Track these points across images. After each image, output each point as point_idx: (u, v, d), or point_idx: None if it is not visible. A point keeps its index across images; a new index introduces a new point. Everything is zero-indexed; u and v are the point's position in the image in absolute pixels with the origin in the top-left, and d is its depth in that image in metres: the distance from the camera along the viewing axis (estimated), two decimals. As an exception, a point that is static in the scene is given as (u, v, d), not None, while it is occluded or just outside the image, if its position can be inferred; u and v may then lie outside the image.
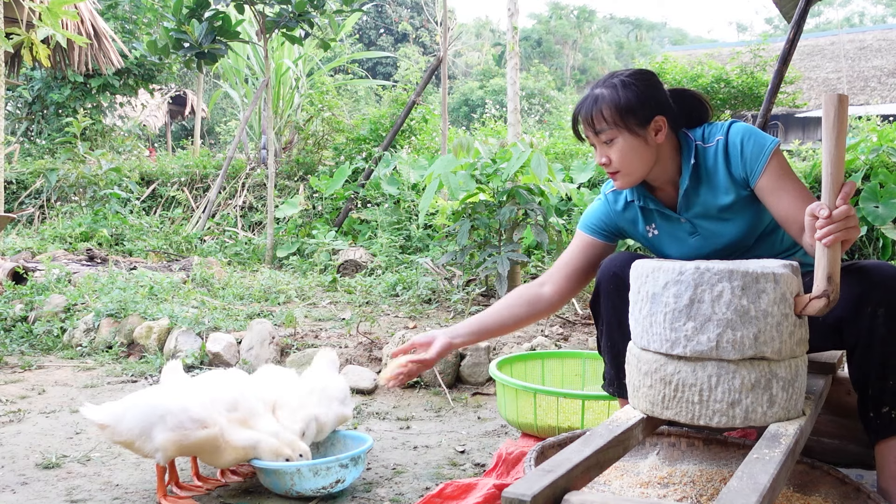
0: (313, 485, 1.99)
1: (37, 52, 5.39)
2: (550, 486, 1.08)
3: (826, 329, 1.62)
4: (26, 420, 2.74)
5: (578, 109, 1.76)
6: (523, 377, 2.72)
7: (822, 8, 34.26)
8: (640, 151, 1.71)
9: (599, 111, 1.70)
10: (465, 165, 4.88)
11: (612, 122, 1.69)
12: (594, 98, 1.72)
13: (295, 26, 6.28)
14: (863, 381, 1.58)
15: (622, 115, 1.68)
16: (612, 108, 1.68)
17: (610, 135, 1.70)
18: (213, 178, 8.58)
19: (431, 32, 21.94)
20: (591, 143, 1.78)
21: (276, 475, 2.00)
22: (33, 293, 4.39)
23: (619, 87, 1.70)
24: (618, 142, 1.71)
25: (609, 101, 1.69)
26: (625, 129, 1.69)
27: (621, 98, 1.68)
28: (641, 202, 1.85)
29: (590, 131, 1.74)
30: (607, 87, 1.71)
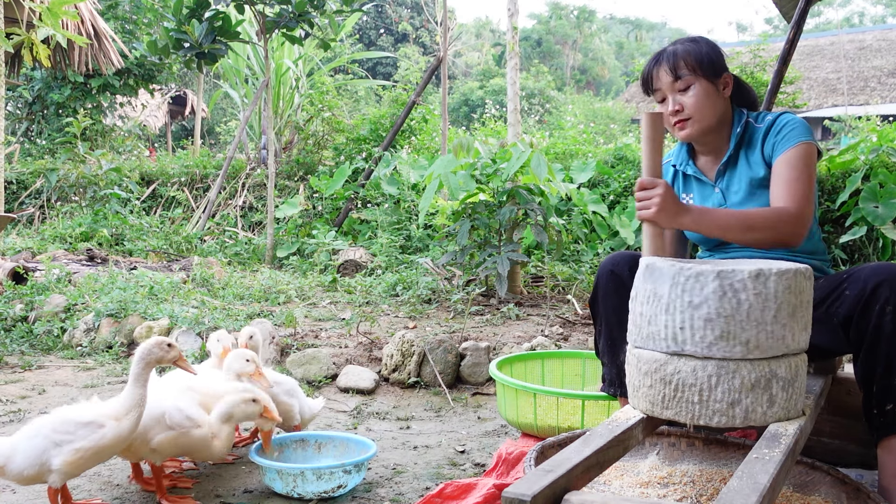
0: (315, 488, 1.99)
1: (37, 53, 5.39)
2: (550, 486, 1.08)
3: (835, 328, 1.63)
4: (26, 420, 2.74)
5: (655, 61, 1.87)
6: (523, 377, 2.72)
7: (822, 8, 34.25)
8: (713, 99, 1.83)
9: (681, 58, 1.82)
10: (465, 165, 4.88)
11: (691, 69, 1.82)
12: (673, 51, 1.85)
13: (295, 26, 6.28)
14: (868, 378, 1.59)
15: (701, 63, 1.82)
16: (693, 57, 1.82)
17: (688, 81, 1.82)
18: (213, 178, 8.58)
19: (431, 32, 21.94)
20: (661, 99, 1.87)
21: (279, 475, 2.00)
22: (33, 293, 4.39)
23: (697, 41, 1.86)
24: (694, 88, 1.82)
25: (690, 51, 1.83)
26: (702, 76, 1.82)
27: (701, 49, 1.84)
28: (683, 167, 1.96)
29: (667, 77, 1.83)
30: (683, 43, 1.87)
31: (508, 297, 4.54)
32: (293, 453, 2.22)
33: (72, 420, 1.79)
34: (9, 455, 1.76)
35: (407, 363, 3.23)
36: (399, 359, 3.25)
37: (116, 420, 1.82)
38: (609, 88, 28.62)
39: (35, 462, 1.75)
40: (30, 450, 1.76)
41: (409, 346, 3.26)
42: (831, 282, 1.70)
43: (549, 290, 4.90)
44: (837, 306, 1.63)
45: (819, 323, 1.65)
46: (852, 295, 1.59)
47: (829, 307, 1.66)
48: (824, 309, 1.66)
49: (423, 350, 3.26)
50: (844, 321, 1.61)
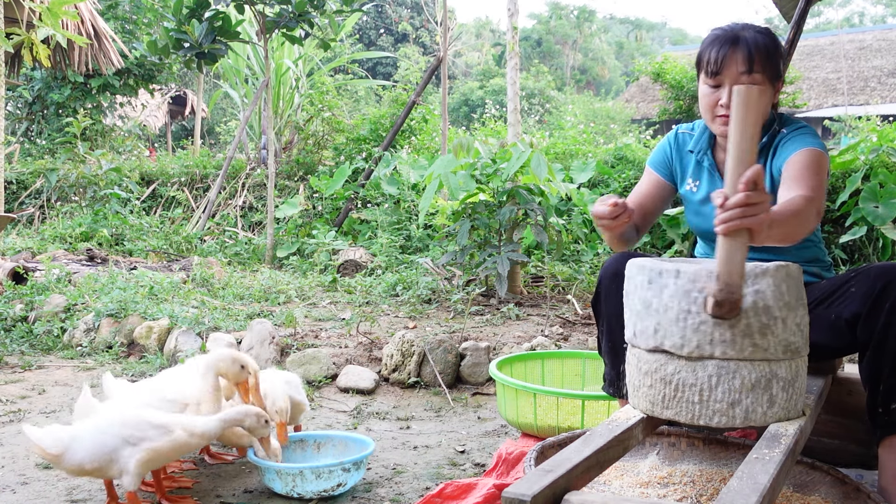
0: (315, 487, 1.99)
1: (37, 53, 5.39)
2: (550, 486, 1.08)
3: (842, 326, 1.62)
4: (26, 420, 2.74)
5: (724, 44, 1.73)
6: (523, 377, 2.72)
7: (822, 8, 34.25)
8: (766, 105, 1.76)
9: (758, 53, 1.71)
10: (465, 165, 4.88)
11: (763, 67, 1.72)
12: (754, 42, 1.72)
13: (295, 26, 6.28)
14: (874, 376, 1.58)
15: (772, 64, 1.73)
16: (766, 54, 1.72)
17: (755, 79, 1.72)
18: (213, 178, 8.58)
19: (431, 32, 21.94)
20: (717, 83, 1.74)
21: (277, 475, 2.00)
22: (33, 293, 4.39)
23: (769, 36, 1.74)
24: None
25: (768, 48, 1.72)
26: (768, 79, 1.73)
27: (776, 49, 1.74)
28: (699, 156, 1.90)
29: (737, 68, 1.71)
30: (758, 34, 1.73)
31: (508, 297, 4.54)
32: (292, 453, 2.22)
33: (145, 420, 1.82)
34: (68, 445, 1.77)
35: (407, 363, 3.23)
36: (399, 359, 3.25)
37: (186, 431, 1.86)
38: (609, 88, 28.62)
39: (102, 457, 1.77)
40: (98, 445, 1.77)
41: (409, 346, 3.26)
42: (835, 281, 1.70)
43: (549, 290, 4.90)
44: (844, 305, 1.62)
45: (823, 322, 1.65)
46: (860, 293, 1.58)
47: (834, 306, 1.65)
48: (828, 307, 1.66)
49: (423, 350, 3.26)
50: (851, 319, 1.60)
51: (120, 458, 1.78)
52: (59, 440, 1.77)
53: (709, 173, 1.90)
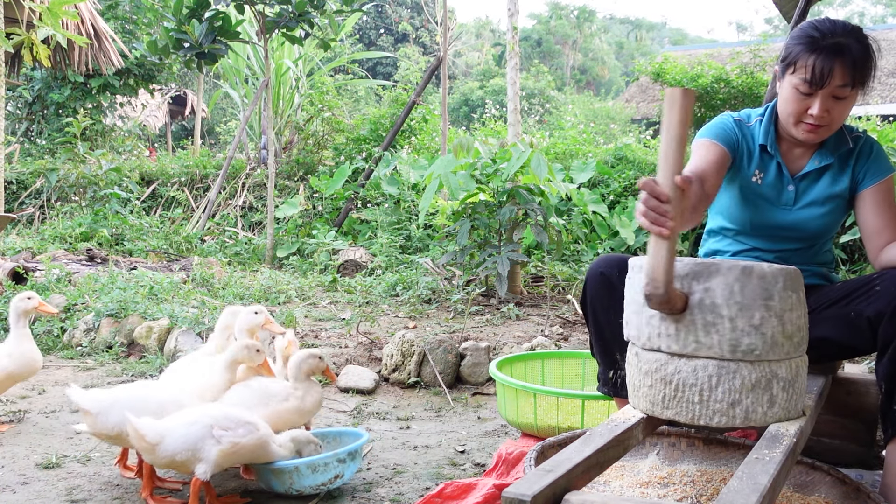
0: (312, 482, 1.99)
1: (37, 53, 5.39)
2: (550, 486, 1.08)
3: (863, 324, 1.62)
4: (26, 420, 2.74)
5: (839, 53, 1.65)
6: (523, 377, 2.72)
7: (822, 8, 34.25)
8: (850, 112, 1.75)
9: (859, 67, 1.66)
10: (465, 165, 4.88)
11: (860, 82, 1.68)
12: (858, 51, 1.66)
13: (295, 26, 6.28)
14: (893, 375, 1.58)
15: (866, 78, 1.69)
16: (867, 70, 1.67)
17: (852, 93, 1.68)
18: (213, 178, 8.58)
19: (431, 32, 21.94)
20: (811, 92, 1.68)
21: (273, 474, 1.99)
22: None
23: (869, 47, 1.68)
24: (850, 100, 1.70)
25: (867, 62, 1.67)
26: (859, 90, 1.70)
27: (873, 61, 1.69)
28: (773, 152, 1.86)
29: (844, 80, 1.66)
30: (860, 44, 1.67)
31: (508, 297, 4.54)
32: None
33: (232, 417, 1.89)
34: (163, 435, 1.83)
35: (407, 363, 3.23)
36: (399, 359, 3.25)
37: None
38: (609, 88, 28.62)
39: (190, 448, 1.83)
40: (188, 435, 1.84)
41: (409, 346, 3.26)
42: (855, 281, 1.71)
43: (549, 290, 4.90)
44: (867, 303, 1.62)
45: (838, 319, 1.66)
46: (885, 291, 1.58)
47: (854, 304, 1.65)
48: (845, 305, 1.66)
49: (423, 350, 3.26)
50: (874, 317, 1.59)
51: (203, 448, 1.85)
52: (157, 432, 1.84)
53: (777, 170, 1.87)
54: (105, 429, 1.97)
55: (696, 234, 5.98)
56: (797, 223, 1.86)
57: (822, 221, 1.86)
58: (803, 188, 1.86)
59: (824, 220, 1.86)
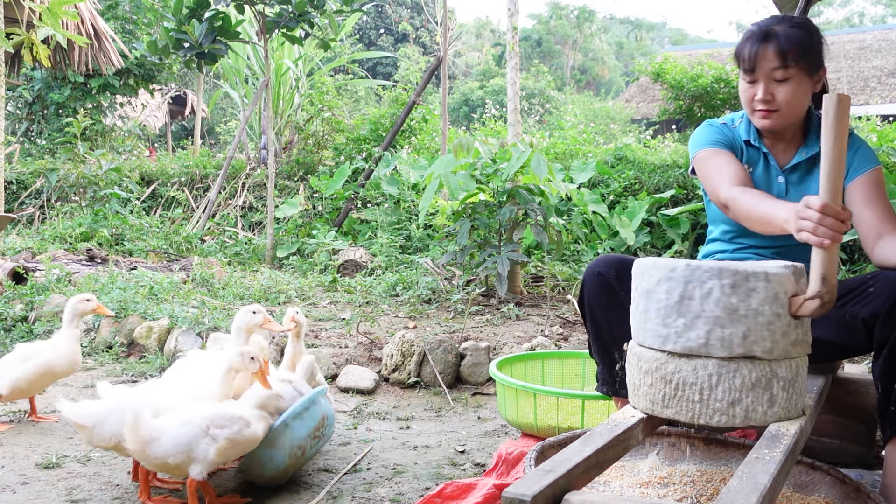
0: (305, 430, 2.04)
1: (37, 53, 5.39)
2: (550, 485, 1.08)
3: (858, 325, 1.63)
4: (26, 420, 2.74)
5: (759, 40, 1.74)
6: (523, 377, 2.72)
7: (822, 8, 34.24)
8: (804, 96, 1.77)
9: (791, 47, 1.71)
10: (465, 165, 4.88)
11: (795, 61, 1.72)
12: (786, 34, 1.73)
13: (295, 26, 6.28)
14: (890, 375, 1.58)
15: (806, 57, 1.73)
16: (800, 48, 1.72)
17: (790, 73, 1.73)
18: (213, 178, 8.58)
19: (431, 32, 21.94)
20: (752, 79, 1.77)
21: (271, 445, 2.01)
22: (33, 293, 4.39)
23: (807, 29, 1.75)
24: (792, 82, 1.74)
25: (802, 41, 1.73)
26: (804, 72, 1.74)
27: (812, 40, 1.74)
28: (756, 144, 1.89)
29: (769, 64, 1.73)
30: (796, 27, 1.74)
31: (508, 297, 4.54)
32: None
33: (225, 414, 1.88)
34: (156, 436, 1.82)
35: (407, 363, 3.23)
36: (399, 359, 3.25)
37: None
38: (609, 88, 28.61)
39: (183, 449, 1.82)
40: (181, 436, 1.82)
41: (409, 346, 3.26)
42: (850, 282, 1.71)
43: (549, 290, 4.90)
44: (862, 304, 1.63)
45: (838, 321, 1.66)
46: (879, 293, 1.58)
47: (850, 305, 1.65)
48: (841, 307, 1.66)
49: (423, 350, 3.26)
50: (869, 319, 1.60)
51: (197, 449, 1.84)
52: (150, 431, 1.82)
53: (764, 162, 1.90)
54: (102, 441, 1.95)
55: (697, 234, 5.98)
56: None
57: None
58: (793, 180, 1.87)
59: None
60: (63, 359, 2.59)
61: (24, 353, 2.56)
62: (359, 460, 2.33)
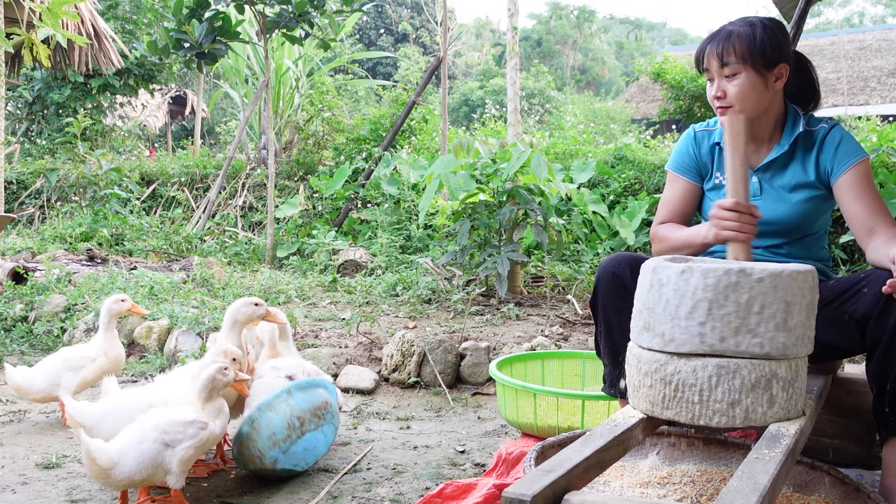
0: (307, 404, 2.07)
1: (37, 53, 5.39)
2: (550, 486, 1.08)
3: (853, 326, 1.63)
4: (26, 420, 2.74)
5: (709, 40, 1.83)
6: (523, 377, 2.72)
7: (822, 8, 34.24)
8: (758, 92, 1.79)
9: (732, 45, 1.77)
10: (465, 165, 4.88)
11: (740, 57, 1.76)
12: (728, 33, 1.79)
13: (295, 26, 6.28)
14: (882, 377, 1.58)
15: (752, 53, 1.76)
16: (745, 44, 1.76)
17: (735, 69, 1.77)
18: (213, 178, 8.58)
19: (431, 32, 21.93)
20: (710, 78, 1.84)
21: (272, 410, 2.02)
22: (33, 293, 4.39)
23: (756, 26, 1.78)
24: (740, 77, 1.78)
25: (743, 37, 1.77)
26: (750, 67, 1.77)
27: (756, 37, 1.77)
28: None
29: (716, 62, 1.79)
30: (743, 26, 1.79)
31: (508, 297, 4.54)
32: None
33: (178, 420, 1.85)
34: (116, 460, 1.77)
35: (407, 363, 3.23)
36: (399, 359, 3.25)
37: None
38: (609, 88, 28.62)
39: (148, 465, 1.79)
40: (142, 454, 1.79)
41: (409, 346, 3.26)
42: (845, 282, 1.70)
43: (549, 290, 4.90)
44: (855, 305, 1.63)
45: (832, 321, 1.66)
46: (872, 293, 1.59)
47: (845, 305, 1.66)
48: (838, 307, 1.66)
49: (423, 350, 3.25)
50: (862, 320, 1.60)
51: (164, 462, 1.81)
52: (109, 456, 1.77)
53: None
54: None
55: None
56: (767, 213, 1.84)
57: (794, 210, 1.84)
58: (767, 178, 1.87)
59: (796, 208, 1.84)
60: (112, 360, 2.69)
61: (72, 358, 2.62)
62: (359, 460, 2.33)
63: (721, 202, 1.59)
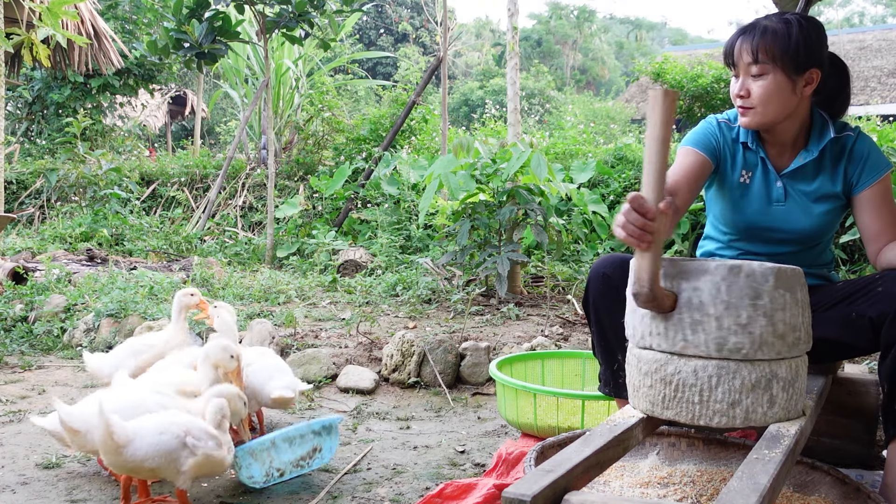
0: (291, 456, 1.99)
1: (37, 53, 5.39)
2: (550, 486, 1.07)
3: (865, 325, 1.62)
4: (26, 420, 2.74)
5: (741, 33, 1.73)
6: (523, 377, 2.72)
7: (822, 8, 34.23)
8: (784, 96, 1.71)
9: (766, 42, 1.67)
10: (465, 165, 4.88)
11: (771, 57, 1.68)
12: (763, 28, 1.70)
13: (295, 26, 6.28)
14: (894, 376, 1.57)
15: (785, 54, 1.67)
16: (779, 44, 1.67)
17: (763, 69, 1.69)
18: (213, 178, 8.58)
19: (431, 32, 21.93)
20: (735, 73, 1.75)
21: (252, 456, 1.98)
22: (33, 293, 4.39)
23: (793, 24, 1.68)
24: (767, 79, 1.70)
25: (779, 36, 1.67)
26: (780, 69, 1.68)
27: (791, 36, 1.67)
28: (754, 147, 1.85)
29: (747, 58, 1.70)
30: (780, 23, 1.69)
31: (508, 297, 4.54)
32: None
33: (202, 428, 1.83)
34: (131, 438, 1.76)
35: (407, 363, 3.23)
36: (399, 359, 3.25)
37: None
38: (609, 88, 28.61)
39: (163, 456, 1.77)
40: (160, 444, 1.77)
41: (409, 346, 3.26)
42: (855, 283, 1.71)
43: (549, 290, 4.90)
44: (869, 304, 1.62)
45: (843, 320, 1.66)
46: (888, 293, 1.58)
47: (857, 304, 1.65)
48: (849, 306, 1.66)
49: (423, 350, 3.25)
50: (877, 318, 1.59)
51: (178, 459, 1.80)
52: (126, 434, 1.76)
53: (762, 165, 1.86)
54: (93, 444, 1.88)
55: (697, 234, 5.98)
56: (790, 222, 1.82)
57: (815, 221, 1.82)
58: (792, 186, 1.84)
59: (818, 220, 1.82)
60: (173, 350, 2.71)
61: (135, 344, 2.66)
62: (359, 460, 2.33)
63: (630, 195, 1.26)
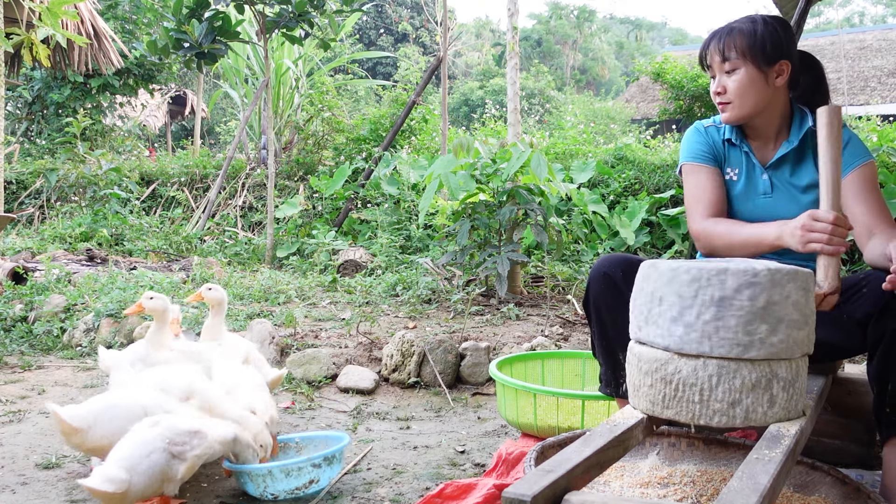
0: (286, 486, 1.98)
1: (37, 52, 5.39)
2: (551, 486, 1.07)
3: (854, 326, 1.63)
4: (26, 420, 2.74)
5: (712, 36, 1.84)
6: (523, 377, 2.72)
7: (822, 8, 34.23)
8: (758, 88, 1.79)
9: (732, 40, 1.78)
10: (465, 165, 4.88)
11: (740, 53, 1.78)
12: (731, 28, 1.81)
13: (295, 26, 6.28)
14: (883, 377, 1.58)
15: (752, 48, 1.77)
16: (745, 40, 1.77)
17: (734, 64, 1.79)
18: (213, 178, 8.58)
19: (431, 32, 21.93)
20: (712, 75, 1.85)
21: (248, 477, 1.99)
22: (33, 293, 4.39)
23: (758, 22, 1.80)
24: (739, 73, 1.79)
25: (745, 33, 1.78)
26: (750, 63, 1.78)
27: (756, 32, 1.78)
28: (738, 142, 1.91)
29: (717, 56, 1.81)
30: (747, 22, 1.81)
31: (508, 297, 4.54)
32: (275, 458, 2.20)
33: (182, 430, 1.83)
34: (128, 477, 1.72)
35: (407, 363, 3.23)
36: (399, 359, 3.25)
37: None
38: (609, 88, 28.62)
39: (158, 478, 1.76)
40: (153, 466, 1.75)
41: (409, 346, 3.26)
42: (846, 282, 1.70)
43: (549, 290, 4.90)
44: (856, 305, 1.63)
45: (834, 322, 1.66)
46: (872, 294, 1.59)
47: (846, 306, 1.66)
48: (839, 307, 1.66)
49: (423, 350, 3.25)
50: (863, 319, 1.60)
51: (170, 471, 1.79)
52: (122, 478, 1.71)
53: (747, 160, 1.90)
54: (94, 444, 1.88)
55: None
56: (778, 212, 1.83)
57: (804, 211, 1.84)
58: (777, 177, 1.87)
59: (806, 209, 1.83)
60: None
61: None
62: (359, 460, 2.33)
63: (818, 214, 1.52)
